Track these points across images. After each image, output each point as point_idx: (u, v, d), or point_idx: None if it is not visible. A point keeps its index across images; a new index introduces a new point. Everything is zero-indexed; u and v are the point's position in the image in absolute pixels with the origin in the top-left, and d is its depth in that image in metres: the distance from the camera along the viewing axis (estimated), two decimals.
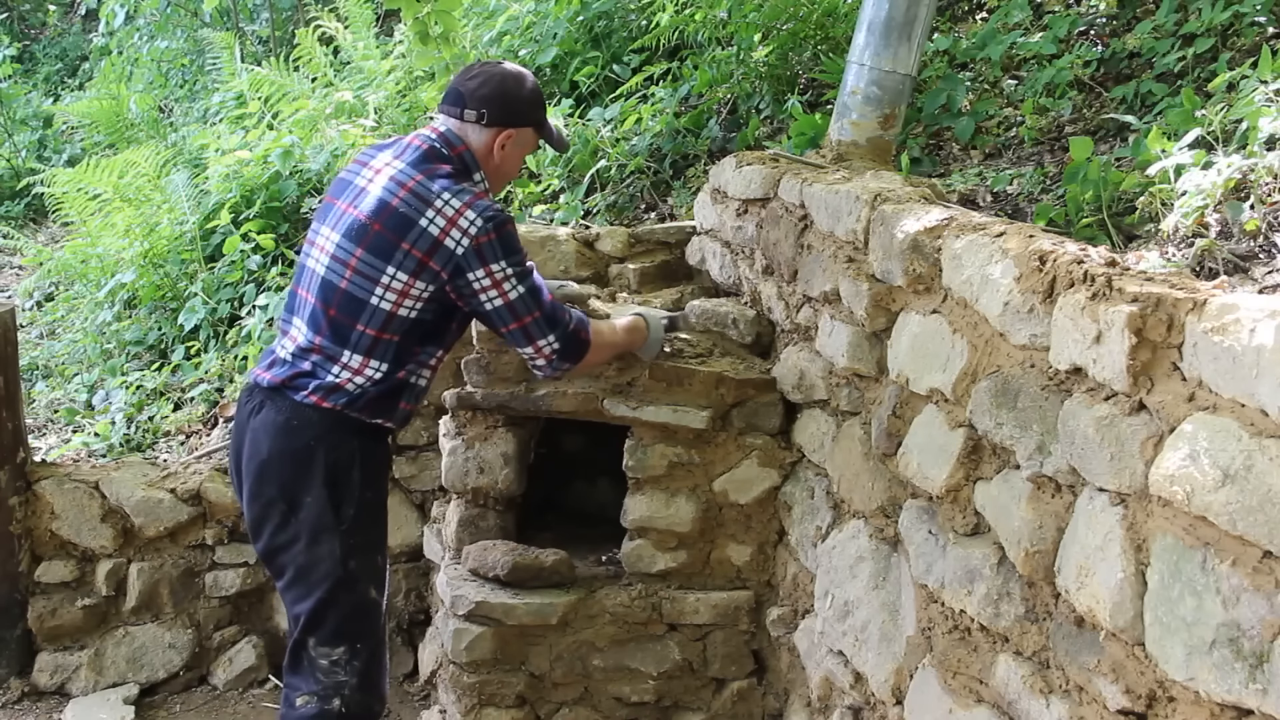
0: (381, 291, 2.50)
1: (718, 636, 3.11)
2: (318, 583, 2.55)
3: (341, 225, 2.57)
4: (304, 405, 2.53)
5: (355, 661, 2.59)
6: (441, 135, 2.63)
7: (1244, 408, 1.46)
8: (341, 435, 2.55)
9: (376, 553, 2.65)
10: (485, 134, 2.63)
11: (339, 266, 2.54)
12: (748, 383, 3.03)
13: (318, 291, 2.57)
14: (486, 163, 2.65)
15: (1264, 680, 1.41)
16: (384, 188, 2.55)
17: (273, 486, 2.55)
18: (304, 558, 2.55)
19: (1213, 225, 2.13)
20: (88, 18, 9.53)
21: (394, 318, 2.52)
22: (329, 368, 2.54)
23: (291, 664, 2.63)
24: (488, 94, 2.62)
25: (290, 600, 2.62)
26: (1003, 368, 2.05)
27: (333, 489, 2.53)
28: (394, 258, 2.49)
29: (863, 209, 2.56)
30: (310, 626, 2.57)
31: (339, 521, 2.53)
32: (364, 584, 2.59)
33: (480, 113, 2.61)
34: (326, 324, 2.55)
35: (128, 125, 6.71)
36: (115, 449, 4.22)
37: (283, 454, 2.54)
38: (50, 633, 3.59)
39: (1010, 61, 3.60)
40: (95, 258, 5.32)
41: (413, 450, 3.74)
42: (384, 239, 2.50)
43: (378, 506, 2.66)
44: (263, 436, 2.56)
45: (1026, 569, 1.93)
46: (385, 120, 4.85)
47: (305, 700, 2.59)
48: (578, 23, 4.87)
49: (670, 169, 4.15)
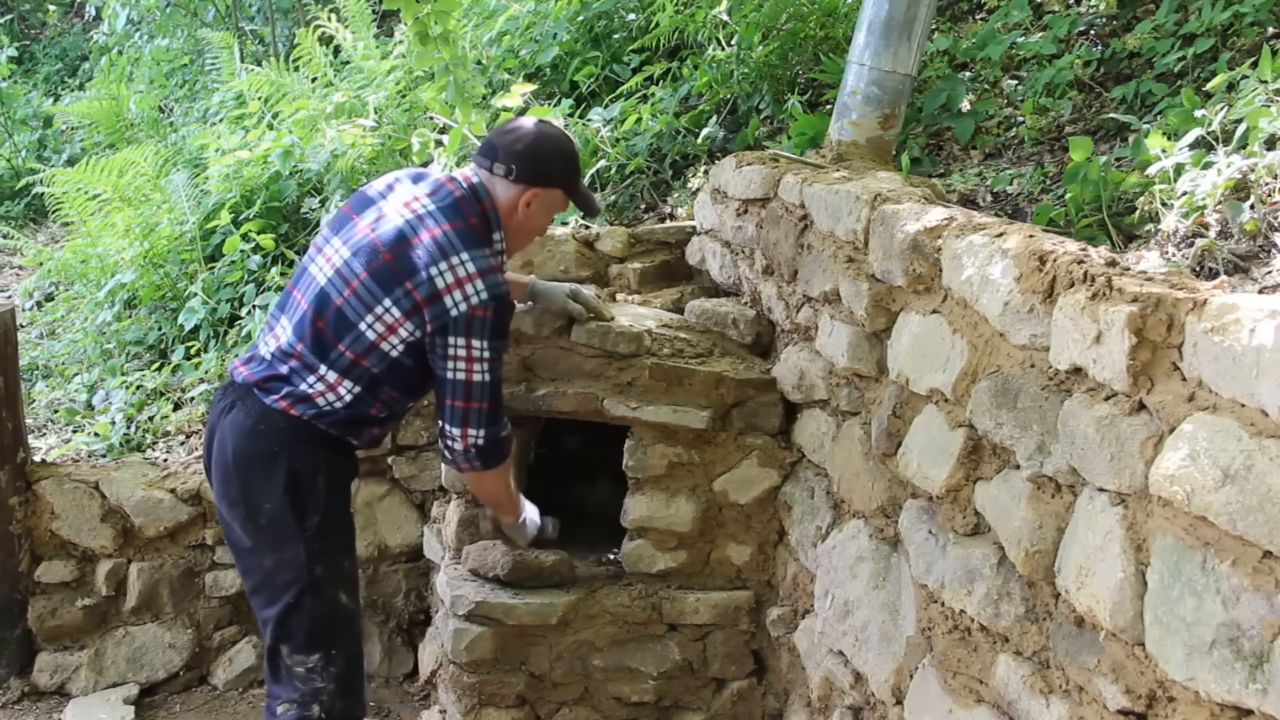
0: (372, 320, 2.51)
1: (718, 636, 3.11)
2: (283, 588, 2.55)
3: (354, 243, 2.56)
4: (272, 410, 2.54)
5: (331, 668, 2.59)
6: (473, 187, 2.62)
7: (1244, 408, 1.46)
8: (306, 444, 2.56)
9: (344, 558, 2.65)
10: (512, 190, 2.62)
11: (340, 282, 2.54)
12: (748, 383, 3.03)
13: (312, 300, 2.57)
14: (509, 219, 2.64)
15: (1264, 680, 1.41)
16: (408, 222, 2.54)
17: (235, 488, 2.56)
18: (269, 562, 2.56)
19: (1213, 225, 2.13)
20: (88, 18, 9.53)
21: (376, 349, 2.52)
22: (305, 376, 2.54)
23: (270, 672, 2.64)
24: (520, 150, 2.61)
25: (258, 606, 2.63)
26: (1003, 368, 2.05)
27: (295, 495, 2.53)
28: (394, 292, 2.49)
29: (863, 209, 2.56)
30: (280, 633, 2.58)
31: (303, 529, 2.54)
32: (332, 589, 2.59)
33: (510, 168, 2.60)
34: (311, 334, 2.55)
35: (128, 125, 6.70)
36: (115, 449, 4.22)
37: (248, 457, 2.54)
38: (50, 633, 3.59)
39: (1010, 61, 3.60)
40: (95, 258, 5.31)
41: (413, 450, 3.74)
42: (390, 271, 2.50)
43: (343, 513, 2.67)
44: (229, 437, 2.57)
45: (1026, 569, 1.93)
46: (385, 120, 4.85)
47: (285, 708, 2.60)
48: (578, 23, 4.87)
49: (670, 169, 4.15)
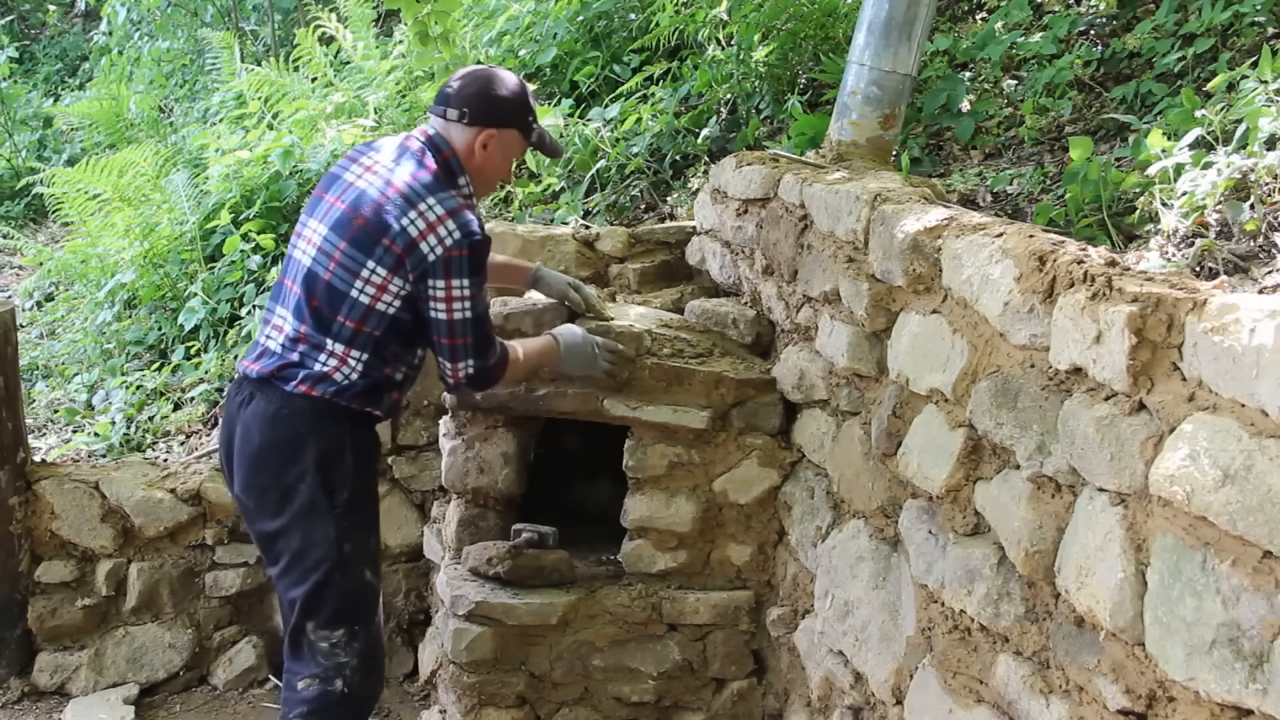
0: (361, 285, 2.56)
1: (718, 636, 3.11)
2: (313, 566, 2.60)
3: (329, 218, 2.62)
4: (294, 395, 2.59)
5: (355, 643, 2.64)
6: (430, 139, 2.67)
7: (1244, 408, 1.46)
8: (331, 422, 2.61)
9: (370, 535, 2.71)
10: (467, 133, 2.66)
11: (323, 258, 2.60)
12: (748, 383, 3.03)
13: (302, 282, 2.62)
14: (469, 163, 2.68)
15: (1264, 680, 1.41)
16: (373, 185, 2.60)
17: (266, 475, 2.61)
18: (299, 543, 2.61)
19: (1213, 225, 2.13)
20: (88, 18, 9.53)
21: (372, 311, 2.57)
22: (316, 357, 2.60)
23: (291, 650, 2.68)
24: (470, 94, 2.66)
25: (286, 586, 2.66)
26: (1003, 368, 2.05)
27: (325, 475, 2.59)
28: (374, 252, 2.54)
29: (863, 209, 2.56)
30: (308, 610, 2.62)
31: (332, 506, 2.59)
32: (359, 566, 2.65)
33: (462, 111, 2.65)
34: (310, 314, 2.61)
35: (128, 125, 6.70)
36: (115, 449, 4.22)
37: (275, 443, 2.60)
38: (50, 633, 3.59)
39: (1010, 61, 3.60)
40: (95, 258, 5.32)
41: (413, 450, 3.74)
42: (367, 233, 2.55)
43: (369, 491, 2.72)
44: (254, 427, 2.62)
45: (1026, 569, 1.93)
46: (385, 120, 4.85)
47: (307, 683, 2.64)
48: (578, 23, 4.87)
49: (670, 169, 4.15)
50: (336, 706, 2.63)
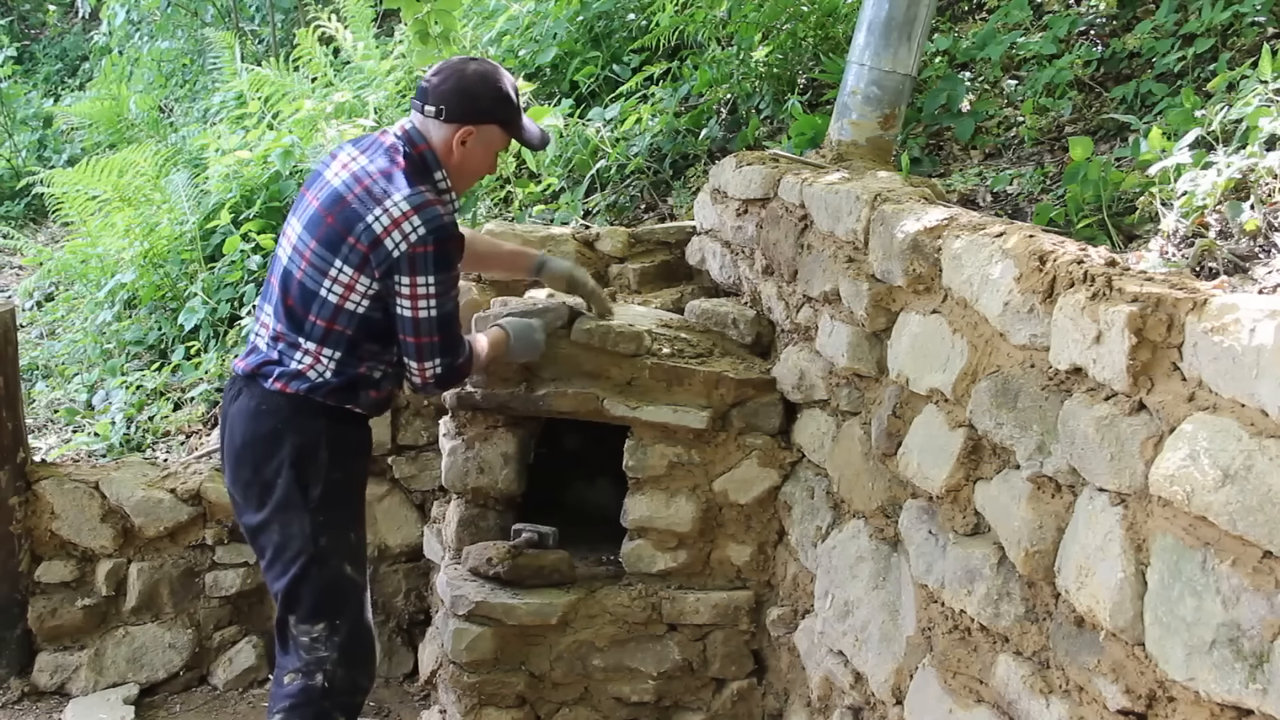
0: (329, 284, 2.56)
1: (718, 636, 3.11)
2: (291, 560, 2.62)
3: (305, 216, 2.63)
4: (271, 391, 2.61)
5: (335, 637, 2.65)
6: (406, 133, 2.64)
7: (1244, 408, 1.46)
8: (307, 418, 2.63)
9: (349, 530, 2.71)
10: (445, 130, 2.62)
11: (297, 257, 2.61)
12: (748, 383, 3.03)
13: (280, 280, 2.65)
14: (447, 160, 2.64)
15: (1264, 680, 1.41)
16: (343, 182, 2.59)
17: (248, 470, 2.64)
18: (278, 537, 2.63)
19: (1213, 225, 2.13)
20: (88, 17, 9.53)
21: (342, 310, 2.57)
22: (292, 354, 2.61)
23: (280, 644, 2.71)
24: (446, 90, 2.61)
25: (270, 580, 2.70)
26: (1003, 368, 2.05)
27: (299, 470, 2.60)
28: (341, 250, 2.54)
29: (863, 209, 2.56)
30: (288, 604, 2.65)
31: (306, 501, 2.60)
32: (337, 560, 2.66)
33: (439, 108, 2.60)
34: (284, 312, 2.63)
35: (128, 125, 6.71)
36: (115, 449, 4.22)
37: (255, 438, 2.63)
38: (50, 633, 3.59)
39: (1010, 61, 3.60)
40: (95, 258, 5.32)
41: (413, 450, 3.74)
42: (334, 231, 2.55)
43: (349, 486, 2.71)
44: (238, 423, 2.65)
45: (1026, 569, 1.93)
46: (385, 120, 4.85)
47: (291, 678, 2.67)
48: (578, 23, 4.87)
49: (670, 169, 4.15)
50: (318, 700, 2.65)
